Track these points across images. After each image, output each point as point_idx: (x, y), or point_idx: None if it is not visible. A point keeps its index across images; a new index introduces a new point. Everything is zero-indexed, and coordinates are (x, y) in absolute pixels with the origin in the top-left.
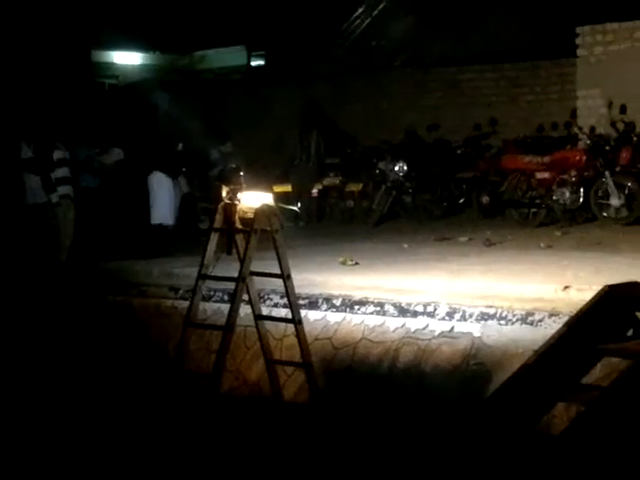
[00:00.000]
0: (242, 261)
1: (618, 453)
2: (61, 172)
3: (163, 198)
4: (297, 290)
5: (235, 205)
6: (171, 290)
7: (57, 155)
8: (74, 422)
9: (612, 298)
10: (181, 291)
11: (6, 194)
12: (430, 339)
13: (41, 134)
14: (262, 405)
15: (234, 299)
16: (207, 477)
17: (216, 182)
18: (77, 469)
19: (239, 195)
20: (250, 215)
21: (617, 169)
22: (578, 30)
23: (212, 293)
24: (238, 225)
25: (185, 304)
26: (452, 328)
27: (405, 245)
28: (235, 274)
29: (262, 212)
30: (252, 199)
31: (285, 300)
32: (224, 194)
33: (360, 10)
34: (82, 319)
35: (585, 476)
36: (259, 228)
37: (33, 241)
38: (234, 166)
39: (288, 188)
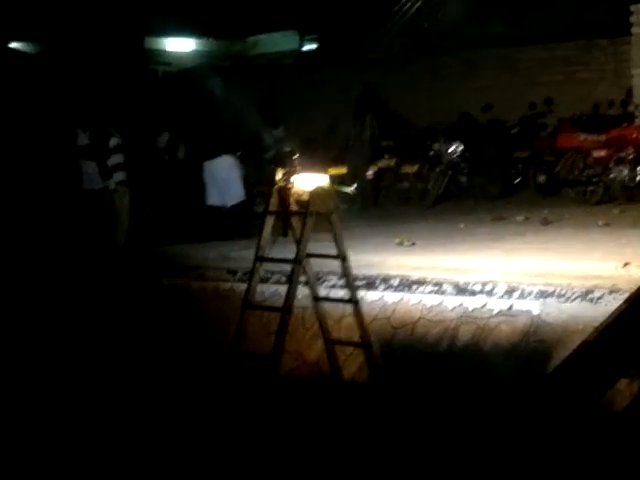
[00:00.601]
0: (298, 243)
1: None
2: (116, 159)
3: (237, 178)
4: (354, 271)
5: (290, 188)
6: (229, 273)
7: (113, 142)
8: (134, 402)
9: None
10: (239, 274)
11: (63, 180)
12: (489, 318)
13: (97, 121)
14: (322, 385)
15: (291, 281)
16: (268, 457)
17: (271, 165)
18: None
19: (294, 178)
20: (305, 197)
21: None
22: (632, 8)
23: (270, 275)
24: (293, 207)
25: (243, 286)
26: (511, 306)
27: (461, 225)
28: (292, 256)
29: (317, 194)
30: (307, 181)
31: (342, 281)
32: (279, 177)
33: None
34: (141, 303)
35: None
36: (315, 210)
37: (90, 226)
38: (288, 149)
39: (343, 171)
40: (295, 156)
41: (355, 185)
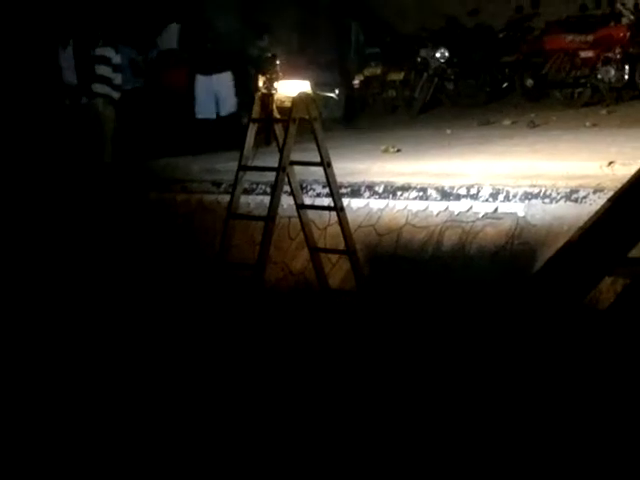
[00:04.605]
0: (281, 151)
1: None
2: (100, 70)
3: (231, 92)
4: (339, 179)
5: (272, 95)
6: (214, 185)
7: (98, 52)
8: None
9: None
10: (224, 185)
11: (46, 96)
12: (474, 221)
13: (81, 34)
14: (308, 294)
15: (275, 189)
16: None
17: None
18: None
19: (276, 84)
20: (288, 104)
21: None
22: None
23: (254, 186)
24: (276, 115)
25: (228, 198)
26: (496, 209)
27: (448, 131)
28: (275, 165)
29: (300, 100)
30: (289, 88)
31: (327, 190)
32: (261, 84)
33: None
34: (127, 217)
35: (632, 350)
36: (297, 116)
37: (74, 142)
38: (270, 55)
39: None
40: (277, 62)
41: (337, 91)
